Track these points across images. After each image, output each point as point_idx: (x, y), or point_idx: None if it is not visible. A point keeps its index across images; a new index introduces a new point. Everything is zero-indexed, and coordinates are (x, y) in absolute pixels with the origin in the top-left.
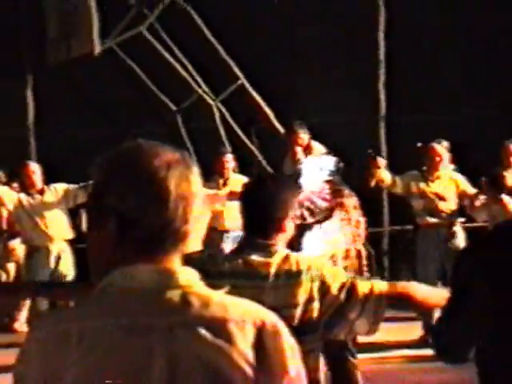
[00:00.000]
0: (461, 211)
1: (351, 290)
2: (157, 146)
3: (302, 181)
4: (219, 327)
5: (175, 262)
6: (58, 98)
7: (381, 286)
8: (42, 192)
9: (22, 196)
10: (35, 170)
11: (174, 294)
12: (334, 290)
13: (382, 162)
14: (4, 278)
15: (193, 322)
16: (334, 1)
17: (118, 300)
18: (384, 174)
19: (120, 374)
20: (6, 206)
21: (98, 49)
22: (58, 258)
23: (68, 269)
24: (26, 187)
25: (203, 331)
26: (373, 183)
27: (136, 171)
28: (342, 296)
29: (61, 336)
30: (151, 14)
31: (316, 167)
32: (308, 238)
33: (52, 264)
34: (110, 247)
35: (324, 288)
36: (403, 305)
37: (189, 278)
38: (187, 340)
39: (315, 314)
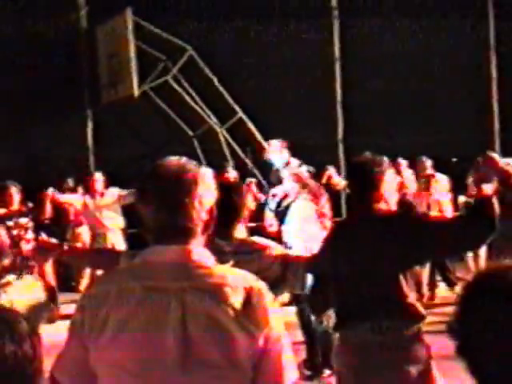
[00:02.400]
0: None
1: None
2: (185, 163)
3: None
4: (219, 290)
5: (192, 245)
6: (109, 128)
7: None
8: (102, 194)
9: (87, 198)
10: (99, 178)
11: (188, 267)
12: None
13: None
14: None
15: (199, 287)
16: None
17: (146, 269)
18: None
19: (145, 321)
20: (75, 206)
21: (136, 92)
22: (113, 242)
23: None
24: (92, 190)
25: (207, 293)
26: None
27: (166, 183)
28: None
29: (105, 294)
30: (174, 67)
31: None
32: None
33: (109, 245)
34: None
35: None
36: None
37: (200, 255)
38: (195, 299)
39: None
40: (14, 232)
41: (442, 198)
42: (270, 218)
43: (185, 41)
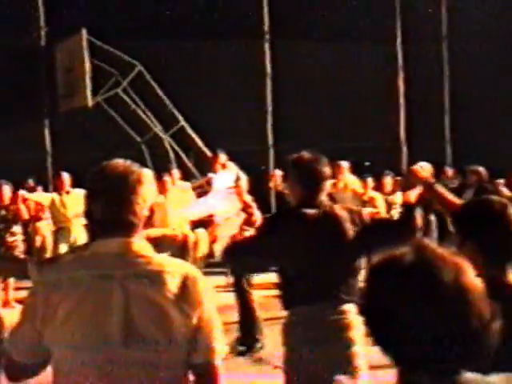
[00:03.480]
0: None
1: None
2: (130, 164)
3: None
4: (157, 276)
5: (134, 237)
6: (66, 134)
7: None
8: (68, 192)
9: (55, 195)
10: (66, 178)
11: (129, 256)
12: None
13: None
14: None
15: (140, 273)
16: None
17: (94, 259)
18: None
19: (93, 305)
20: (39, 202)
21: (90, 103)
22: (75, 235)
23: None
24: (60, 188)
25: (147, 279)
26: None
27: (113, 182)
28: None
29: (55, 281)
30: (124, 81)
31: (228, 177)
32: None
33: (72, 238)
34: (95, 228)
35: None
36: None
37: (140, 246)
38: (136, 284)
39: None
40: None
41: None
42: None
43: (134, 57)
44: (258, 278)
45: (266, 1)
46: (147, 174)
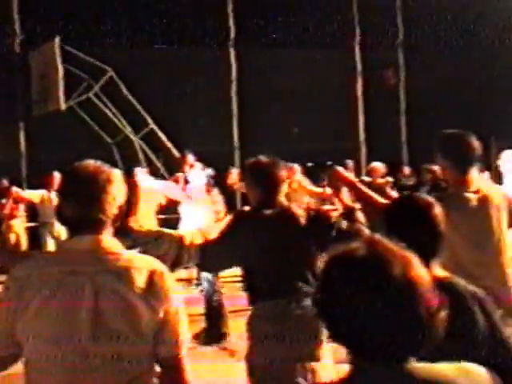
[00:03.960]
0: None
1: None
2: (100, 165)
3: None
4: (126, 272)
5: (104, 234)
6: (40, 137)
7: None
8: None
9: (45, 192)
10: (56, 176)
11: (100, 253)
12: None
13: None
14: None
15: (109, 269)
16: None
17: (64, 255)
18: None
19: (63, 300)
20: (32, 200)
21: (63, 107)
22: (57, 230)
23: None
24: (50, 186)
25: (116, 274)
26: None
27: (84, 181)
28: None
29: (27, 277)
30: (96, 86)
31: (199, 176)
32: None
33: (56, 233)
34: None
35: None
36: None
37: (110, 243)
38: (105, 279)
39: None
40: None
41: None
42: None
43: (105, 63)
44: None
45: (231, 11)
46: (117, 174)
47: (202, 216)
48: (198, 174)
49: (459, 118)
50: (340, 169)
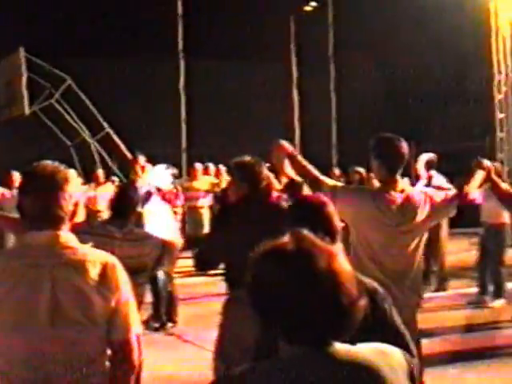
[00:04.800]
0: None
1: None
2: (58, 165)
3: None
4: (81, 265)
5: (62, 230)
6: (6, 139)
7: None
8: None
9: (5, 190)
10: (16, 176)
11: (57, 247)
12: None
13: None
14: None
15: (66, 262)
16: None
17: (25, 250)
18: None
19: (25, 290)
20: None
21: (27, 112)
22: None
23: None
24: (10, 185)
25: (72, 267)
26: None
27: (43, 180)
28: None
29: None
30: (57, 93)
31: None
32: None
33: None
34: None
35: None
36: None
37: (67, 238)
38: (62, 272)
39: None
40: None
41: None
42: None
43: (65, 72)
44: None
45: (181, 26)
46: (72, 174)
47: (166, 212)
48: (162, 173)
49: (383, 123)
50: (284, 142)
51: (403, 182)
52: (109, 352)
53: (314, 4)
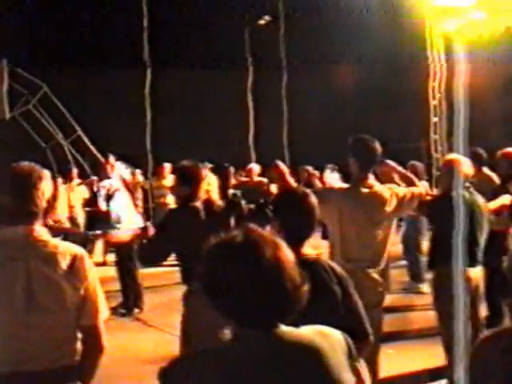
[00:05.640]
0: None
1: None
2: (33, 166)
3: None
4: (53, 257)
5: (35, 225)
6: None
7: None
8: None
9: None
10: None
11: (31, 240)
12: None
13: None
14: None
15: (39, 255)
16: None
17: (3, 244)
18: None
19: (3, 281)
20: None
21: (7, 116)
22: None
23: None
24: None
25: (44, 259)
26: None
27: (20, 178)
28: None
29: None
30: (34, 99)
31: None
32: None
33: None
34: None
35: None
36: None
37: (39, 232)
38: (36, 263)
39: None
40: None
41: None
42: (102, 204)
43: (41, 80)
44: None
45: (147, 38)
46: (46, 173)
47: (127, 207)
48: (122, 171)
49: (328, 125)
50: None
51: (372, 179)
52: (79, 336)
53: (267, 18)
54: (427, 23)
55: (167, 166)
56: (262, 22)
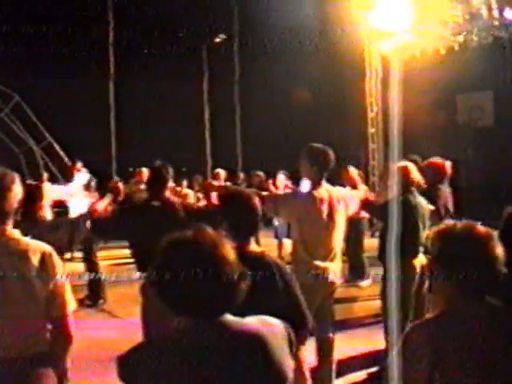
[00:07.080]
0: None
1: None
2: (6, 170)
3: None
4: (24, 253)
5: (8, 224)
6: None
7: None
8: None
9: None
10: None
11: (4, 239)
12: None
13: None
14: None
15: (11, 251)
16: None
17: None
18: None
19: None
20: None
21: None
22: None
23: None
24: None
25: (16, 255)
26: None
27: None
28: None
29: None
30: (6, 108)
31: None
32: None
33: None
34: None
35: None
36: None
37: (12, 231)
38: (8, 260)
39: None
40: None
41: None
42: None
43: (13, 90)
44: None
45: (112, 52)
46: (17, 177)
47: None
48: (81, 176)
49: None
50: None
51: (326, 184)
52: (49, 326)
53: (222, 36)
54: (366, 44)
55: (145, 171)
56: (217, 39)
